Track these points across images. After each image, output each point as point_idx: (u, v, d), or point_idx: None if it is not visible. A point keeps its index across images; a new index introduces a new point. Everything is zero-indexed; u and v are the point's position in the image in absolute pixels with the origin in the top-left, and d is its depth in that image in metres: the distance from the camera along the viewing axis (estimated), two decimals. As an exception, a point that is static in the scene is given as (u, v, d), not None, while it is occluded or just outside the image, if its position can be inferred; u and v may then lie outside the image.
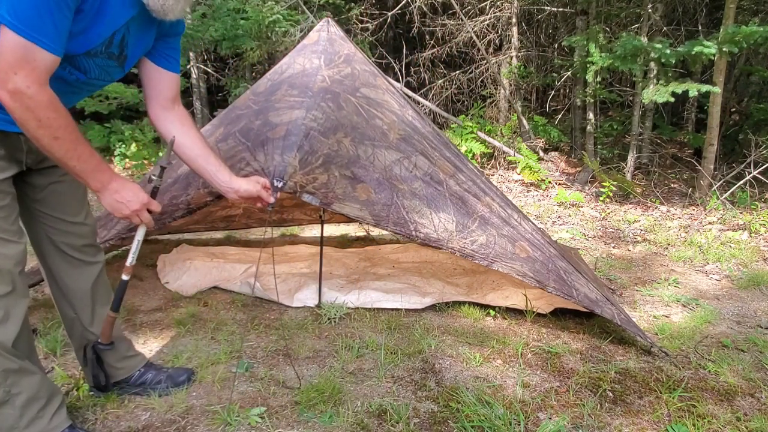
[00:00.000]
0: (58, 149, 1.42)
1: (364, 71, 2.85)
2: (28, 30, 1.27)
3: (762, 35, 4.58)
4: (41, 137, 1.39)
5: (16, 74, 1.29)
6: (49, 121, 1.37)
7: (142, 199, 1.60)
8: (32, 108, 1.34)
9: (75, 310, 1.79)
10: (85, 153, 1.48)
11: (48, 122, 1.37)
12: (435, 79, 8.61)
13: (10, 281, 1.48)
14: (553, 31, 8.81)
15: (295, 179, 2.26)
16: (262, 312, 2.73)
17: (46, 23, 1.29)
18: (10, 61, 1.29)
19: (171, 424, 1.79)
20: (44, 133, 1.38)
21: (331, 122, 2.49)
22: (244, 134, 2.49)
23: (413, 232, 2.35)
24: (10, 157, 1.50)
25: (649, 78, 6.11)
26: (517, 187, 6.57)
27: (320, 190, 2.30)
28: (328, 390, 1.94)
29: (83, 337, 1.82)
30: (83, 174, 1.50)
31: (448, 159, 2.72)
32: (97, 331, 1.81)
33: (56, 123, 1.39)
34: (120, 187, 1.57)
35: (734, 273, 3.59)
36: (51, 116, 1.37)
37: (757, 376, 2.22)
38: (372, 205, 2.36)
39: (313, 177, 2.30)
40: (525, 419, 1.84)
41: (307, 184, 2.28)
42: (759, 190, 5.52)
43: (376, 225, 2.34)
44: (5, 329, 1.47)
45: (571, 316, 2.73)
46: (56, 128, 1.39)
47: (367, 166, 2.44)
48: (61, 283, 1.76)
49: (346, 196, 2.34)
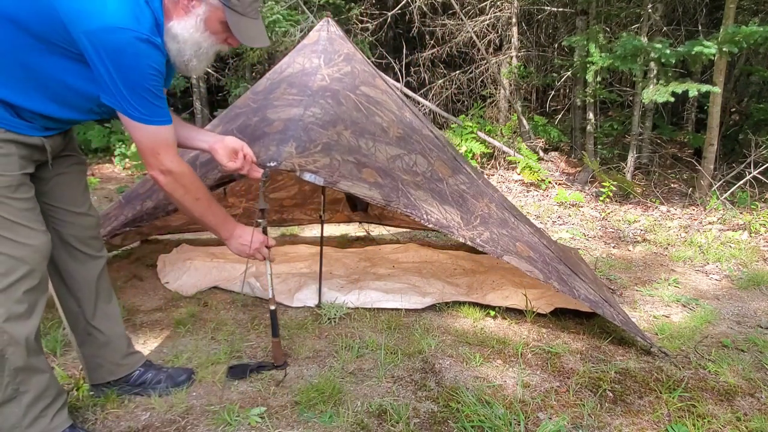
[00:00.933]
0: (199, 208, 1.75)
1: (363, 71, 2.85)
2: (153, 117, 1.55)
3: (762, 35, 4.58)
4: (186, 201, 1.71)
5: (160, 156, 1.60)
6: (192, 186, 1.71)
7: (259, 239, 1.92)
8: (179, 179, 1.66)
9: (79, 304, 1.81)
10: (217, 209, 1.81)
11: (191, 188, 1.70)
12: (435, 79, 8.60)
13: (39, 275, 1.52)
14: (553, 31, 8.81)
15: (292, 160, 2.18)
16: (262, 312, 2.73)
17: (159, 105, 1.56)
18: (153, 148, 1.59)
19: (171, 424, 1.79)
20: (189, 197, 1.71)
21: (330, 116, 2.47)
22: (241, 131, 2.49)
23: (425, 216, 2.30)
24: (30, 157, 1.56)
25: (649, 78, 6.11)
26: (517, 187, 6.57)
27: (323, 170, 2.22)
28: (328, 390, 1.94)
29: (85, 332, 1.83)
30: (217, 226, 1.83)
31: (447, 161, 2.72)
32: (99, 326, 1.83)
33: (196, 187, 1.72)
34: (242, 232, 1.89)
35: (734, 273, 3.59)
36: (193, 182, 1.71)
37: (757, 376, 2.22)
38: (381, 187, 2.31)
39: (313, 159, 2.24)
40: (525, 419, 1.84)
41: (306, 165, 2.21)
42: (759, 190, 5.52)
43: (387, 204, 2.26)
44: (30, 324, 1.50)
45: (571, 316, 2.73)
46: (196, 191, 1.72)
47: (369, 156, 2.41)
48: (66, 275, 1.78)
49: (352, 176, 2.28)
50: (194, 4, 1.55)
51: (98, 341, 1.86)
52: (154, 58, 1.51)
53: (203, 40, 1.60)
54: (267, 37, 1.69)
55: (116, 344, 1.89)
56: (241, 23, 1.59)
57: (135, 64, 1.47)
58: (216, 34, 1.61)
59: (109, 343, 1.88)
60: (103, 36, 1.42)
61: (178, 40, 1.57)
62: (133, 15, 1.46)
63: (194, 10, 1.56)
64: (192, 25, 1.56)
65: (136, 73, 1.49)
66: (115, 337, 1.89)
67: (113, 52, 1.44)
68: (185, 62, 1.61)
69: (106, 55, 1.44)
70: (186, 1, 1.55)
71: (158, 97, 1.55)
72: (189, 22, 1.56)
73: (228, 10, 1.56)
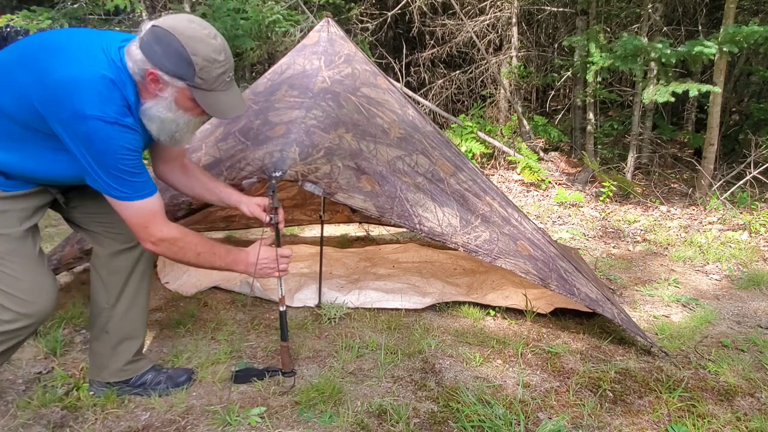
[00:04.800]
0: (203, 260, 1.76)
1: (364, 71, 2.85)
2: (135, 194, 1.57)
3: (762, 35, 4.58)
4: (188, 258, 1.74)
5: (149, 228, 1.62)
6: (189, 245, 1.72)
7: (272, 256, 1.90)
8: (174, 244, 1.68)
9: (109, 301, 1.87)
10: (221, 250, 1.81)
11: (189, 246, 1.72)
12: (435, 79, 8.60)
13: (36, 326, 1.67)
14: (553, 31, 8.81)
15: (295, 169, 2.21)
16: (262, 312, 2.73)
17: (139, 180, 1.57)
18: (140, 223, 1.61)
19: (171, 424, 1.79)
20: (190, 254, 1.72)
21: (331, 119, 2.48)
22: (244, 134, 2.49)
23: (417, 225, 2.32)
24: (32, 206, 1.66)
25: (649, 78, 6.10)
26: (517, 187, 6.57)
27: (323, 180, 2.25)
28: (328, 390, 1.94)
29: (103, 330, 1.89)
30: (229, 266, 1.83)
31: (449, 158, 2.72)
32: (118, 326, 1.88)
33: (192, 244, 1.72)
34: (253, 257, 1.87)
35: (734, 273, 3.59)
36: (188, 241, 1.72)
37: (757, 376, 2.22)
38: (376, 196, 2.32)
39: (315, 167, 2.26)
40: (525, 419, 1.84)
41: (308, 174, 2.23)
42: (759, 190, 5.52)
43: (380, 216, 2.30)
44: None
45: (571, 316, 2.73)
46: (195, 247, 1.73)
47: (370, 159, 2.42)
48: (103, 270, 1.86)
49: (350, 186, 2.30)
50: (160, 87, 1.55)
51: (111, 342, 1.89)
52: (127, 138, 1.52)
53: (178, 117, 1.60)
54: (243, 104, 1.67)
55: (126, 348, 1.92)
56: (210, 98, 1.57)
57: (107, 148, 1.49)
58: (190, 110, 1.61)
59: (119, 344, 1.91)
60: (74, 124, 1.45)
61: (154, 121, 1.59)
62: (100, 100, 1.46)
63: (161, 94, 1.56)
64: (164, 107, 1.57)
65: (109, 157, 1.50)
66: (128, 340, 1.92)
67: (85, 139, 1.47)
68: (171, 137, 1.64)
69: (79, 141, 1.48)
70: (152, 87, 1.55)
71: (136, 173, 1.56)
72: (160, 104, 1.57)
73: (193, 90, 1.54)
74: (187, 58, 1.49)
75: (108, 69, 1.50)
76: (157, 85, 1.54)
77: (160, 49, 1.50)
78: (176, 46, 1.49)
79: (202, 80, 1.53)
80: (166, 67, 1.51)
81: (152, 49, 1.50)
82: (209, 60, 1.52)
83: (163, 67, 1.51)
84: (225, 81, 1.58)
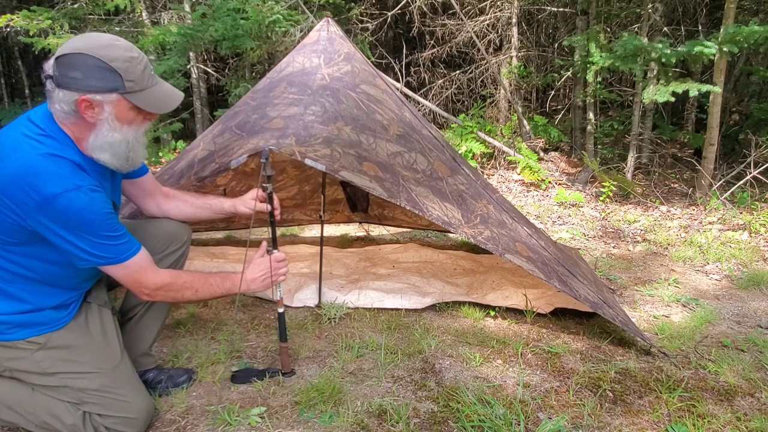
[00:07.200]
0: (203, 294, 1.78)
1: (363, 69, 2.85)
2: (121, 255, 1.57)
3: (762, 35, 4.58)
4: (188, 298, 1.77)
5: (143, 282, 1.64)
6: (184, 286, 1.73)
7: (265, 267, 1.91)
8: (170, 289, 1.70)
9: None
10: (216, 280, 1.81)
11: (185, 287, 1.74)
12: (435, 79, 8.60)
13: None
14: (553, 31, 8.81)
15: (292, 147, 2.16)
16: (262, 312, 2.73)
17: (122, 241, 1.57)
18: (133, 280, 1.63)
19: (171, 424, 1.79)
20: (188, 294, 1.75)
21: (330, 114, 2.46)
22: (240, 127, 2.49)
23: (426, 211, 2.28)
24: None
25: (650, 78, 6.10)
26: (517, 187, 6.57)
27: (324, 159, 2.19)
28: (328, 390, 1.94)
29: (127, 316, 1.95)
30: (227, 291, 1.83)
31: (445, 161, 2.72)
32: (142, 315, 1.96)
33: (186, 283, 1.74)
34: (249, 273, 1.88)
35: (734, 273, 3.59)
36: (183, 283, 1.73)
37: (757, 376, 2.22)
38: (382, 180, 2.29)
39: (314, 149, 2.22)
40: (525, 419, 1.84)
41: (307, 152, 2.18)
42: (759, 190, 5.52)
43: (389, 198, 2.23)
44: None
45: (571, 316, 2.73)
46: (190, 285, 1.75)
47: (370, 151, 2.40)
48: None
49: (353, 168, 2.25)
50: (96, 111, 1.49)
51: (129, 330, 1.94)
52: (97, 201, 1.49)
53: (126, 134, 1.56)
54: (177, 93, 1.63)
55: (142, 337, 1.96)
56: (146, 97, 1.54)
57: (83, 219, 1.47)
58: (133, 122, 1.56)
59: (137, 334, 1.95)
60: (45, 210, 1.43)
61: (105, 149, 1.54)
62: (55, 176, 1.43)
63: (100, 117, 1.50)
64: (108, 129, 1.52)
65: (88, 227, 1.48)
66: (146, 332, 1.96)
67: (61, 220, 1.45)
68: (126, 158, 1.59)
69: (57, 226, 1.46)
70: (88, 115, 1.49)
71: (117, 236, 1.55)
72: (103, 128, 1.51)
73: (129, 96, 1.50)
74: (109, 68, 1.45)
75: (40, 146, 1.46)
76: (92, 110, 1.48)
77: (80, 73, 1.44)
78: (93, 62, 1.44)
79: (132, 82, 1.49)
80: (95, 87, 1.45)
81: (71, 78, 1.44)
82: (128, 60, 1.48)
83: (90, 88, 1.45)
84: (150, 75, 1.55)
